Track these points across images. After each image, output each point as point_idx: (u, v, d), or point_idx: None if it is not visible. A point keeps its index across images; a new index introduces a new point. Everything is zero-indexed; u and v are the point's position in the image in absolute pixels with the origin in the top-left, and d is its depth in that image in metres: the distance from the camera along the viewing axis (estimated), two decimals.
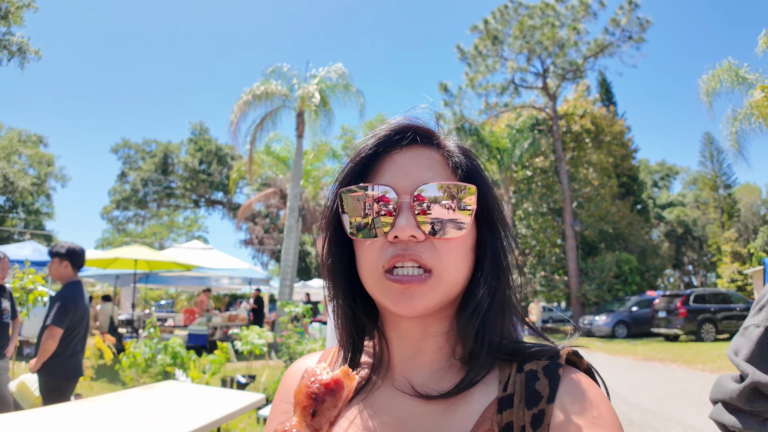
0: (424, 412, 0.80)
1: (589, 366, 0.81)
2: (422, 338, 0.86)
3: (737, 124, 17.31)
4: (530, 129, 31.18)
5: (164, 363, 8.56)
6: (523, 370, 0.78)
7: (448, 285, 0.80)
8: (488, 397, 0.77)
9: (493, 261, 0.85)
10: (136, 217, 50.65)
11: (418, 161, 0.84)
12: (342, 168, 0.90)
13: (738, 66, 16.96)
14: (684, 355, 15.28)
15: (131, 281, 17.88)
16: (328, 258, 0.91)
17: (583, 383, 0.75)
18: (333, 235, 0.90)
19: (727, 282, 37.38)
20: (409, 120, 0.89)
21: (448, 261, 0.79)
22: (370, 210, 0.81)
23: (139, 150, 50.16)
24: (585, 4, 31.12)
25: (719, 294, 20.91)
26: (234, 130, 17.64)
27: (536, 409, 0.71)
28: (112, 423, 3.52)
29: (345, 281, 0.90)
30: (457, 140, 0.91)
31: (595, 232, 33.88)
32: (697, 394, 9.65)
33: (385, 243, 0.80)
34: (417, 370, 0.86)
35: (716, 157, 56.02)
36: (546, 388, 0.73)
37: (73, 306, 4.74)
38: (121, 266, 15.30)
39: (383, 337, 0.91)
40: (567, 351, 0.80)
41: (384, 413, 0.83)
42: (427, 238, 0.79)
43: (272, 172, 25.29)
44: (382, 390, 0.87)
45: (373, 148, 0.86)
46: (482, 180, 0.86)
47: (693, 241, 57.62)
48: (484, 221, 0.86)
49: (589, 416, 0.69)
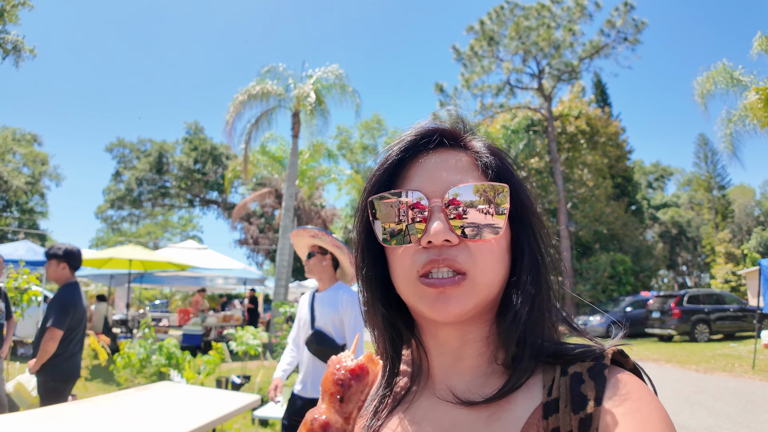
0: (467, 420, 0.78)
1: (635, 365, 0.78)
2: (461, 345, 0.85)
3: (732, 126, 17.37)
4: (525, 130, 31.25)
5: (159, 363, 8.55)
6: (567, 373, 0.75)
7: (484, 288, 0.79)
8: (533, 403, 0.75)
9: (531, 262, 0.84)
10: (131, 217, 50.49)
11: (447, 164, 0.84)
12: (370, 176, 0.89)
13: (733, 68, 17.03)
14: (678, 355, 15.36)
15: (126, 281, 17.87)
16: (362, 267, 0.91)
17: (631, 384, 0.72)
18: (365, 243, 0.90)
19: (721, 283, 37.50)
20: (435, 123, 0.90)
21: (484, 264, 0.78)
22: (402, 216, 0.81)
23: (133, 149, 49.98)
24: (581, 5, 31.18)
25: (713, 295, 21.01)
26: (229, 129, 17.63)
27: (583, 414, 0.69)
28: (107, 424, 3.52)
29: (380, 289, 0.89)
30: (485, 140, 0.90)
31: (590, 233, 34.00)
32: (691, 394, 9.69)
33: (418, 249, 0.79)
34: (458, 377, 0.84)
35: (710, 158, 56.17)
36: (592, 391, 0.70)
37: (73, 308, 4.76)
38: (115, 266, 15.29)
39: (421, 346, 0.89)
40: (612, 351, 0.77)
41: (426, 423, 0.82)
42: (461, 242, 0.78)
43: (267, 172, 25.27)
44: (423, 399, 0.86)
45: (400, 154, 0.86)
46: (514, 179, 0.85)
47: (687, 241, 57.82)
48: (518, 221, 0.85)
49: (639, 417, 0.66)
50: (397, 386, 0.91)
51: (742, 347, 16.27)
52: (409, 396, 0.89)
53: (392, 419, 0.86)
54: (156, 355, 8.78)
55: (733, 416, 7.81)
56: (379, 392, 0.91)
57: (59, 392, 4.70)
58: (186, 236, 50.52)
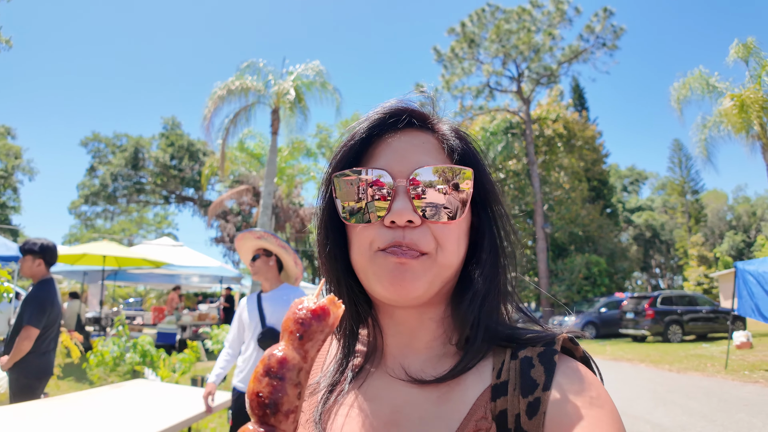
0: (418, 399, 0.78)
1: (584, 353, 0.79)
2: (418, 325, 0.85)
3: (707, 131, 17.76)
4: (504, 132, 31.51)
5: (133, 361, 8.43)
6: (517, 356, 0.76)
7: (443, 268, 0.79)
8: (482, 385, 0.76)
9: (490, 246, 0.84)
10: (105, 213, 49.58)
11: (414, 145, 0.83)
12: (335, 152, 0.87)
13: (709, 75, 17.40)
14: (651, 355, 15.58)
15: (99, 278, 17.51)
16: (325, 244, 0.89)
17: (580, 371, 0.73)
18: (329, 220, 0.88)
19: (694, 285, 38.32)
20: (404, 103, 0.88)
21: (445, 246, 0.78)
22: (365, 194, 0.80)
23: (109, 144, 49.08)
24: (561, 10, 31.57)
25: (686, 296, 21.36)
26: (207, 124, 17.41)
27: (532, 397, 0.70)
28: (80, 422, 3.44)
29: (344, 267, 0.88)
30: (452, 124, 0.89)
31: (566, 235, 34.43)
32: (665, 393, 9.84)
33: (381, 227, 0.79)
34: (412, 356, 0.84)
35: (685, 163, 57.37)
36: (542, 376, 0.71)
37: (50, 306, 4.65)
38: (89, 262, 15.00)
39: (377, 325, 0.89)
40: (563, 337, 0.78)
41: (378, 401, 0.82)
42: (423, 223, 0.78)
43: (245, 169, 25.08)
44: (376, 378, 0.86)
45: (367, 131, 0.85)
46: (478, 164, 0.85)
47: (660, 244, 58.92)
48: (480, 205, 0.85)
49: (586, 397, 0.68)
50: (353, 364, 0.90)
51: (714, 348, 16.58)
52: (362, 374, 0.88)
53: (346, 396, 0.86)
54: (130, 352, 8.65)
55: (707, 415, 7.93)
56: (333, 369, 0.91)
57: (32, 390, 4.58)
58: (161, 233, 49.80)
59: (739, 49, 16.42)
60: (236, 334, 4.25)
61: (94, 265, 15.25)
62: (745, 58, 16.54)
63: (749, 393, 9.62)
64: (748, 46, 16.27)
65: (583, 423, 0.66)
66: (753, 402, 8.79)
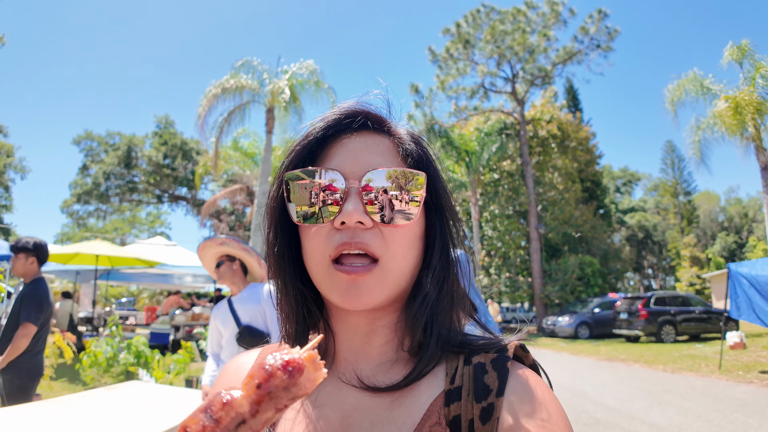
0: (370, 405, 0.78)
1: (534, 362, 0.81)
2: (370, 331, 0.84)
3: (700, 133, 17.84)
4: (498, 133, 31.56)
5: (127, 362, 8.36)
6: (471, 362, 0.76)
7: (396, 276, 0.78)
8: (435, 390, 0.76)
9: (441, 250, 0.84)
10: (98, 212, 49.28)
11: (368, 147, 0.82)
12: (288, 151, 0.86)
13: (703, 77, 17.49)
14: (645, 355, 15.65)
15: (92, 278, 17.37)
16: (274, 245, 0.88)
17: (531, 380, 0.74)
18: (279, 221, 0.87)
19: (686, 285, 38.55)
20: (361, 105, 0.87)
21: (396, 249, 0.77)
22: (317, 196, 0.79)
23: (102, 142, 48.76)
24: (556, 11, 31.69)
25: (679, 297, 21.49)
26: (201, 123, 17.36)
27: (485, 403, 0.70)
28: (74, 425, 3.38)
29: (293, 268, 0.87)
30: (408, 128, 0.88)
31: (559, 235, 34.53)
32: (660, 393, 9.87)
33: (331, 230, 0.78)
34: (364, 362, 0.84)
35: (677, 164, 57.77)
36: (495, 382, 0.72)
37: (47, 304, 4.66)
38: (81, 262, 14.87)
39: (329, 329, 0.88)
40: (514, 345, 0.79)
41: (328, 406, 0.81)
42: (374, 225, 0.77)
43: (239, 168, 24.99)
44: (327, 383, 0.84)
45: (322, 131, 0.84)
46: (432, 168, 0.85)
47: (653, 245, 59.24)
48: (433, 210, 0.85)
49: (538, 418, 0.68)
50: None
51: (707, 348, 16.66)
52: None
53: (294, 405, 0.85)
54: (124, 353, 8.58)
55: (703, 415, 7.95)
56: None
57: (26, 390, 4.55)
58: (154, 233, 49.57)
59: (734, 51, 16.51)
60: (216, 341, 4.28)
61: (87, 264, 15.12)
62: (740, 60, 16.64)
63: (744, 393, 9.66)
64: (742, 48, 16.36)
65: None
66: (748, 402, 8.83)
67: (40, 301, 4.58)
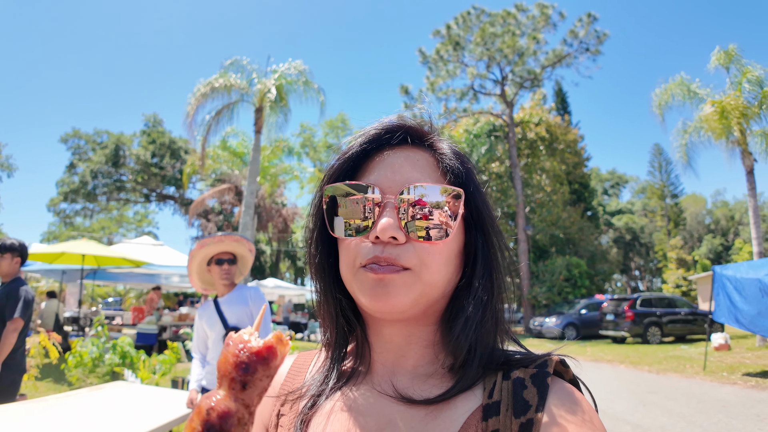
0: (405, 416, 0.77)
1: (574, 377, 0.80)
2: (405, 344, 0.84)
3: (687, 137, 18.03)
4: (487, 135, 31.68)
5: (113, 363, 8.31)
6: (509, 377, 0.76)
7: (425, 283, 0.77)
8: (472, 404, 0.75)
9: (483, 268, 0.83)
10: (85, 211, 48.84)
11: (408, 161, 0.82)
12: (330, 165, 0.87)
13: (690, 81, 17.66)
14: (631, 356, 15.77)
15: (78, 277, 17.22)
16: (315, 256, 0.89)
17: (573, 395, 0.74)
18: (320, 233, 0.88)
19: (672, 287, 38.85)
20: (402, 120, 0.88)
21: (429, 262, 0.77)
22: (355, 209, 0.80)
23: (89, 140, 48.31)
24: (545, 14, 31.84)
25: (665, 299, 21.66)
26: (190, 121, 17.27)
27: (524, 418, 0.69)
28: (59, 425, 3.37)
29: (333, 279, 0.88)
30: (450, 143, 0.88)
31: (547, 237, 34.74)
32: (645, 394, 9.95)
33: (366, 243, 0.78)
34: (401, 374, 0.83)
35: (665, 167, 58.29)
36: (535, 397, 0.71)
37: (32, 301, 4.75)
38: (67, 261, 14.72)
39: (366, 341, 0.88)
40: (555, 360, 0.78)
41: (364, 415, 0.80)
42: (408, 241, 0.77)
43: (228, 168, 24.90)
44: (363, 392, 0.85)
45: (363, 146, 0.85)
46: (473, 185, 0.84)
47: (640, 247, 59.67)
48: (474, 227, 0.84)
49: (579, 421, 0.68)
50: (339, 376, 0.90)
51: (693, 349, 16.81)
52: (349, 386, 0.87)
53: (331, 408, 0.85)
54: (110, 353, 8.53)
55: (687, 416, 8.03)
56: (319, 379, 0.90)
57: (17, 386, 4.69)
58: (141, 232, 49.27)
59: (721, 56, 16.71)
60: (202, 343, 4.27)
61: (73, 263, 14.98)
62: (726, 65, 16.84)
63: (728, 394, 9.76)
64: (729, 53, 16.56)
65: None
66: (732, 403, 8.92)
67: (27, 298, 4.66)
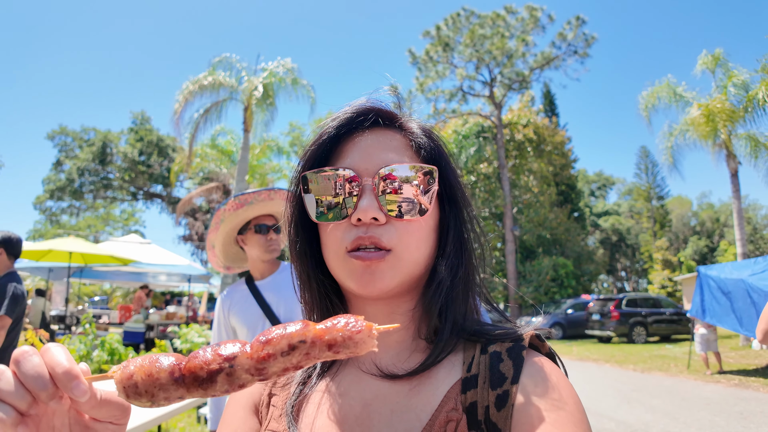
0: (389, 393, 0.81)
1: (550, 350, 0.83)
2: (389, 320, 0.86)
3: (673, 139, 18.19)
4: (476, 136, 31.77)
5: (100, 360, 8.25)
6: (487, 351, 0.79)
7: (409, 264, 0.81)
8: (452, 378, 0.79)
9: (455, 239, 0.86)
10: (71, 209, 48.17)
11: (381, 143, 0.85)
12: (304, 151, 0.89)
13: (677, 84, 17.82)
14: (616, 355, 15.92)
15: (65, 275, 17.03)
16: (296, 241, 0.91)
17: (546, 367, 0.77)
18: (298, 218, 0.90)
19: (658, 288, 39.17)
20: (372, 102, 0.90)
21: (409, 241, 0.80)
22: (333, 193, 0.82)
23: (76, 138, 47.76)
24: (534, 17, 32.01)
25: (650, 299, 21.89)
26: (177, 119, 17.12)
27: (500, 390, 0.73)
28: None
29: (314, 263, 0.90)
30: (419, 122, 0.91)
31: (534, 237, 34.91)
32: (629, 392, 10.07)
33: (348, 225, 0.81)
34: (383, 351, 0.86)
35: (651, 169, 58.75)
36: (510, 370, 0.74)
37: (21, 297, 4.51)
38: (54, 259, 14.56)
39: None
40: (530, 334, 0.81)
41: (349, 395, 0.84)
42: (388, 221, 0.80)
43: (216, 166, 24.74)
44: (348, 372, 0.88)
45: (335, 130, 0.86)
46: (444, 161, 0.87)
47: (626, 248, 60.06)
48: (446, 201, 0.88)
49: (549, 399, 0.71)
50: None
51: (677, 349, 17.00)
52: (334, 368, 0.92)
53: (318, 390, 0.89)
54: (98, 350, 8.47)
55: (670, 413, 8.14)
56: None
57: None
58: (128, 230, 48.74)
59: (707, 60, 16.90)
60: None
61: (60, 261, 14.83)
62: (713, 69, 17.04)
63: (711, 392, 9.89)
64: (716, 57, 16.75)
65: (550, 414, 0.69)
66: (714, 401, 9.05)
67: (14, 294, 4.43)
